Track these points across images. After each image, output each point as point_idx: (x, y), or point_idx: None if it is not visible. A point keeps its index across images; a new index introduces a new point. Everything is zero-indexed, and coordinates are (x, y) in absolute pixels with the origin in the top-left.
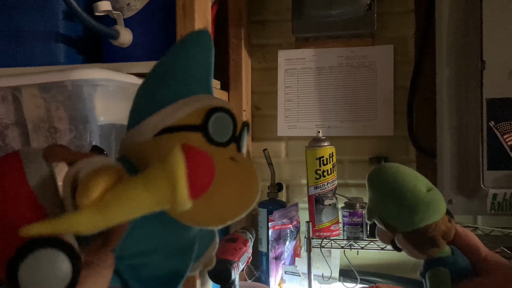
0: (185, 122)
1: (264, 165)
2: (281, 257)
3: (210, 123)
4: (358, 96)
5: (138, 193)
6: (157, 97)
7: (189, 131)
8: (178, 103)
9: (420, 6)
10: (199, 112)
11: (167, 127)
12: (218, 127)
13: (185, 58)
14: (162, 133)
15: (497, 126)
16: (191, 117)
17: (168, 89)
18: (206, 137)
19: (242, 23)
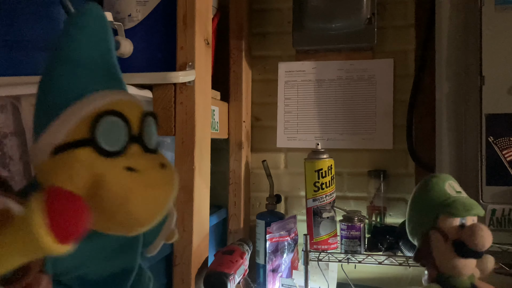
0: (74, 137)
1: (263, 176)
2: (279, 269)
3: (98, 134)
4: (357, 109)
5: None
6: (47, 103)
7: (78, 148)
8: (65, 113)
9: (420, 21)
10: (85, 122)
11: (58, 145)
12: (108, 135)
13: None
14: (56, 152)
15: (496, 141)
16: (78, 130)
17: (56, 91)
18: (97, 150)
19: (243, 35)
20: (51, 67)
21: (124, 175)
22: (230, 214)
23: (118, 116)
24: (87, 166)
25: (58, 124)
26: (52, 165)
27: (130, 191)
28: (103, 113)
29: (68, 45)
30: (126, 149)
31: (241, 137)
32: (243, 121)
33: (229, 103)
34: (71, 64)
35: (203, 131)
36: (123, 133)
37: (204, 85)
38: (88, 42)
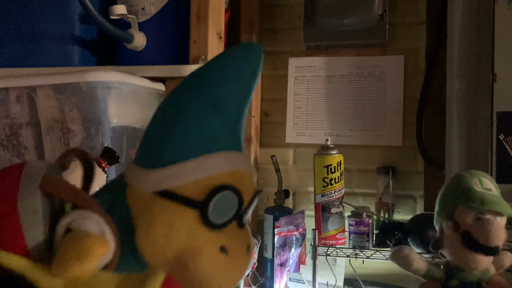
0: (187, 193)
1: (271, 171)
2: (286, 264)
3: (212, 203)
4: (367, 105)
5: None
6: (169, 145)
7: (187, 206)
8: (186, 165)
9: (432, 18)
10: (204, 184)
11: (169, 191)
12: (219, 208)
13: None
14: (163, 195)
15: (507, 139)
16: (194, 189)
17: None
18: (203, 218)
19: (254, 30)
20: (187, 100)
21: (217, 255)
22: None
23: (236, 195)
24: (188, 230)
25: (177, 171)
26: (152, 205)
27: (218, 274)
28: (224, 186)
29: (214, 84)
30: (227, 225)
31: (250, 132)
32: (252, 116)
33: None
34: (212, 108)
35: None
36: (233, 211)
37: None
38: (236, 91)
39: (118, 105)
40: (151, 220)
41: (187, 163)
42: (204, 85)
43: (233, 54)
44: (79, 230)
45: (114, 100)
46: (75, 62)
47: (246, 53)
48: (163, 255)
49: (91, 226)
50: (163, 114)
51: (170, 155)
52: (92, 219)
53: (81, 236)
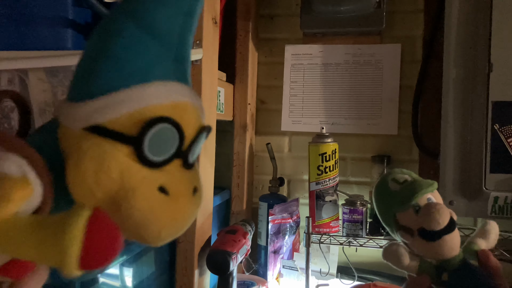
0: (119, 127)
1: (266, 159)
2: (280, 251)
3: (147, 138)
4: (363, 94)
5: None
6: (99, 74)
7: (119, 142)
8: (118, 95)
9: (429, 6)
10: (138, 117)
11: (99, 126)
12: (157, 143)
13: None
14: (92, 130)
15: (502, 129)
16: (126, 122)
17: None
18: (138, 154)
19: (250, 16)
20: (120, 25)
21: (155, 196)
22: (233, 195)
23: (176, 128)
24: (121, 168)
25: (108, 102)
26: (81, 142)
27: (157, 216)
28: (161, 117)
29: (147, 8)
30: (169, 162)
31: (246, 119)
32: (248, 104)
33: (235, 85)
34: (145, 31)
35: (209, 111)
36: (173, 147)
37: (211, 64)
38: (173, 14)
39: None
40: (80, 158)
41: (118, 93)
42: (138, 7)
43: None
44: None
45: None
46: (68, 45)
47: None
48: (93, 196)
49: (9, 167)
50: (93, 42)
51: (99, 86)
52: (10, 160)
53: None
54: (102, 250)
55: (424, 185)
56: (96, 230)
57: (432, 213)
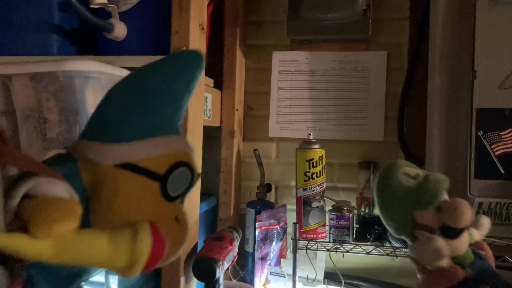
0: (149, 166)
1: (254, 165)
2: (267, 257)
3: (172, 177)
4: (350, 100)
5: (98, 250)
6: (133, 122)
7: (149, 178)
8: (149, 141)
9: (415, 14)
10: (165, 160)
11: (131, 163)
12: (177, 182)
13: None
14: (123, 167)
15: (486, 136)
16: (156, 163)
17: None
18: (163, 189)
19: (238, 23)
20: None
21: (174, 224)
22: (221, 202)
23: (190, 171)
24: (151, 200)
25: (141, 146)
26: (115, 176)
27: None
28: (183, 162)
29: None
30: (178, 198)
31: (234, 125)
32: (235, 110)
33: (222, 91)
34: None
35: (196, 118)
36: (185, 186)
37: None
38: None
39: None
40: (115, 190)
41: (149, 140)
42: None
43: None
44: (48, 195)
45: (92, 90)
46: (53, 51)
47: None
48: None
49: (61, 191)
50: (122, 95)
51: (133, 132)
52: (59, 185)
53: (56, 199)
54: (159, 254)
55: (442, 181)
56: (156, 235)
57: (461, 211)
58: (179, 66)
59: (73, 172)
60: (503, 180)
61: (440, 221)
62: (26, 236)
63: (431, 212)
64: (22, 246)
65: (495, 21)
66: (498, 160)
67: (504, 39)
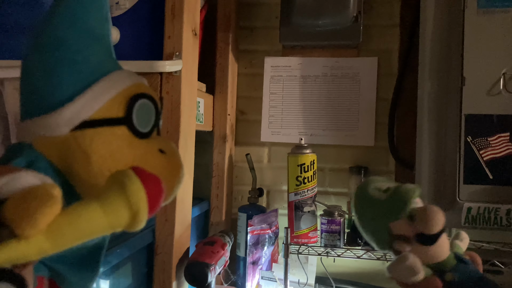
0: (106, 114)
1: (246, 169)
2: (259, 262)
3: (134, 113)
4: (341, 105)
5: (95, 219)
6: (63, 80)
7: (112, 125)
8: (93, 90)
9: (405, 21)
10: (119, 101)
11: (87, 120)
12: (142, 116)
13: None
14: (81, 127)
15: (474, 141)
16: (111, 108)
17: (73, 66)
18: (132, 129)
19: (230, 28)
20: (62, 35)
21: (159, 157)
22: (212, 206)
23: (150, 100)
24: (127, 144)
25: (86, 99)
26: (77, 140)
27: (163, 173)
28: (139, 94)
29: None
30: (152, 132)
31: (226, 130)
32: (228, 114)
33: (215, 96)
34: (89, 37)
35: (188, 122)
36: (153, 117)
37: (190, 75)
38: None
39: None
40: (87, 152)
41: (92, 88)
42: (74, 18)
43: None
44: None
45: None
46: None
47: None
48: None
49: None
50: (38, 58)
51: (70, 90)
52: (29, 175)
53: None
54: (157, 192)
55: (411, 191)
56: (146, 178)
57: (432, 217)
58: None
59: (35, 156)
60: (491, 185)
61: (414, 229)
62: (14, 241)
63: (404, 221)
64: (16, 252)
65: (483, 29)
66: (487, 165)
67: (492, 46)
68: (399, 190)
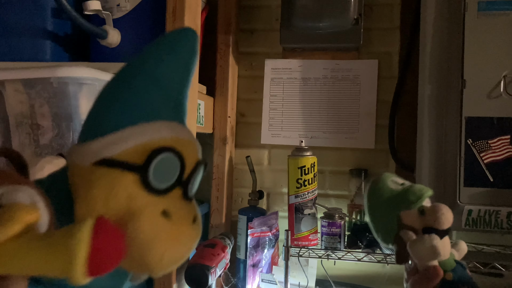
0: (126, 158)
1: (246, 172)
2: (259, 264)
3: (152, 166)
4: (341, 108)
5: (36, 256)
6: (109, 115)
7: (126, 170)
8: (126, 131)
9: (405, 23)
10: (143, 148)
11: (107, 159)
12: (160, 171)
13: (159, 65)
14: (101, 163)
15: (475, 144)
16: (133, 154)
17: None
18: (144, 181)
19: (231, 30)
20: (131, 76)
21: (159, 219)
22: (212, 208)
23: (177, 157)
24: (128, 194)
25: (116, 138)
26: (91, 175)
27: (159, 238)
28: (164, 147)
29: (154, 62)
30: (171, 191)
31: (226, 132)
32: (228, 117)
33: (215, 98)
34: (151, 80)
35: (189, 124)
36: (175, 175)
37: None
38: (174, 67)
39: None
40: (89, 187)
41: (126, 130)
42: (146, 64)
43: (170, 37)
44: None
45: (86, 97)
46: (46, 57)
47: (182, 37)
48: None
49: (21, 197)
50: (106, 91)
51: (109, 124)
52: (23, 191)
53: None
54: (109, 253)
55: (425, 188)
56: (101, 233)
57: (443, 212)
58: (168, 48)
59: (60, 177)
60: (492, 188)
61: (423, 223)
62: None
63: (415, 213)
64: None
65: (483, 31)
66: (487, 168)
67: (492, 48)
68: (414, 185)
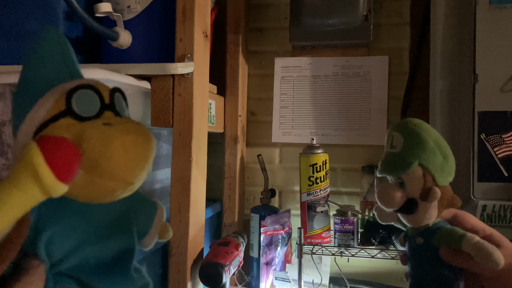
0: (52, 113)
1: (258, 170)
2: (272, 262)
3: (73, 103)
4: (352, 105)
5: (8, 195)
6: (21, 106)
7: (58, 120)
8: (39, 101)
9: (415, 19)
10: (60, 98)
11: (39, 125)
12: (82, 104)
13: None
14: (38, 132)
15: (488, 138)
16: (56, 107)
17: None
18: (75, 117)
19: (240, 30)
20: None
21: (103, 127)
22: (225, 207)
23: (89, 88)
24: (68, 129)
25: (35, 110)
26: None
27: (109, 137)
28: (76, 87)
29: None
30: (101, 114)
31: (237, 131)
32: (239, 116)
33: (225, 97)
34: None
35: (201, 124)
36: (96, 102)
37: (202, 77)
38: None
39: None
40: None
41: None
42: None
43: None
44: None
45: None
46: None
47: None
48: None
49: None
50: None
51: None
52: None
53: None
54: (63, 155)
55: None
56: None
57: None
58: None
59: None
60: (506, 183)
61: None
62: None
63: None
64: None
65: (495, 25)
66: (501, 162)
67: (504, 42)
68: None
